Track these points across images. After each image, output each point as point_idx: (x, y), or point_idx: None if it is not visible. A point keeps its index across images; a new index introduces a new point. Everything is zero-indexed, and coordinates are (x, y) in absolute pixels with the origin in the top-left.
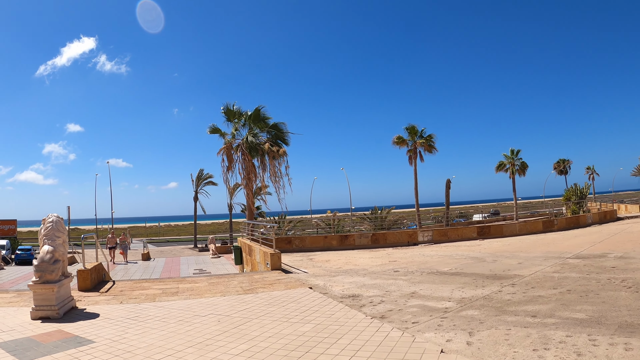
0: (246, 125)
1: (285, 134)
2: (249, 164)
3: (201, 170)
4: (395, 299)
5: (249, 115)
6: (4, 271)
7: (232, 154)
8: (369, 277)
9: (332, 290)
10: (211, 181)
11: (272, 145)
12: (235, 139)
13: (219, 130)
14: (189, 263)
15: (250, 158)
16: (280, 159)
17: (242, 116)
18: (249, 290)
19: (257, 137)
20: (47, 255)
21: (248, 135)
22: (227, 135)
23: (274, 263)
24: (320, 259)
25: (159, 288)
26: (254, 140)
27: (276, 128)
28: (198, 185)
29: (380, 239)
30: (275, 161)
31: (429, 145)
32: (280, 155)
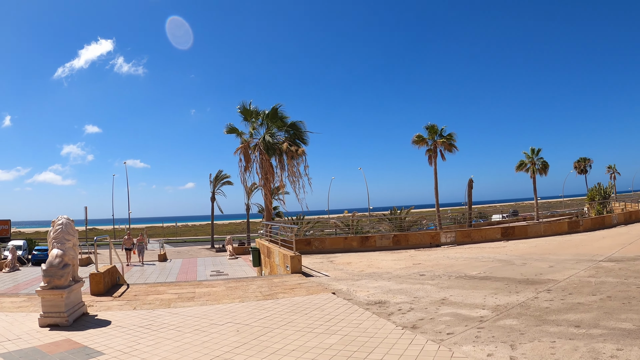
0: (264, 125)
1: (303, 133)
2: (266, 164)
3: (220, 171)
4: (425, 306)
5: (267, 114)
6: (20, 272)
7: (250, 153)
8: (394, 281)
9: (357, 295)
10: (228, 181)
11: (290, 144)
12: (252, 139)
13: (236, 130)
14: (205, 264)
15: (267, 158)
16: (298, 159)
17: (259, 115)
18: (268, 295)
19: (275, 137)
20: (56, 260)
21: (266, 134)
22: (244, 135)
23: (294, 266)
24: (341, 261)
25: (174, 292)
26: (272, 140)
27: (294, 127)
28: (215, 186)
29: (402, 240)
30: (293, 161)
31: (450, 144)
32: (298, 155)
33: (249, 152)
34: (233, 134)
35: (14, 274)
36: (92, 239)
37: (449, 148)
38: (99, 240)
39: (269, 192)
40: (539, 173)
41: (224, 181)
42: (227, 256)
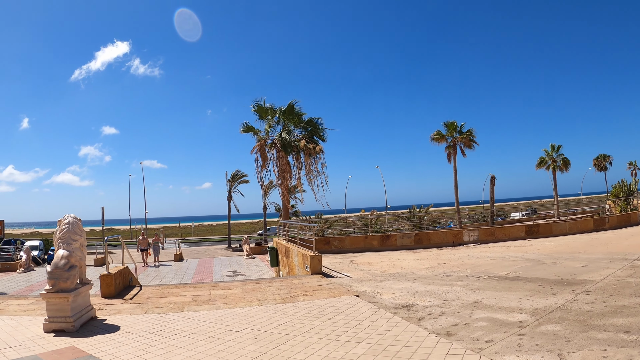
0: (280, 122)
1: (321, 129)
2: (283, 162)
3: (236, 171)
4: (457, 309)
5: (283, 111)
6: (34, 272)
7: (266, 152)
8: (420, 282)
9: (382, 298)
10: (245, 180)
11: (307, 142)
12: (269, 136)
13: (252, 128)
14: (222, 264)
15: (285, 155)
16: (316, 156)
17: (275, 113)
18: (288, 298)
19: (292, 134)
20: (62, 261)
21: (282, 131)
22: (261, 133)
23: (314, 266)
24: (362, 261)
25: (188, 295)
26: (289, 137)
27: (312, 124)
28: (232, 185)
29: (424, 239)
30: (311, 159)
31: (469, 140)
32: (316, 153)
33: (266, 151)
34: (249, 133)
35: (28, 274)
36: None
37: (468, 144)
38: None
39: (286, 190)
40: (560, 170)
41: (240, 180)
42: (244, 256)
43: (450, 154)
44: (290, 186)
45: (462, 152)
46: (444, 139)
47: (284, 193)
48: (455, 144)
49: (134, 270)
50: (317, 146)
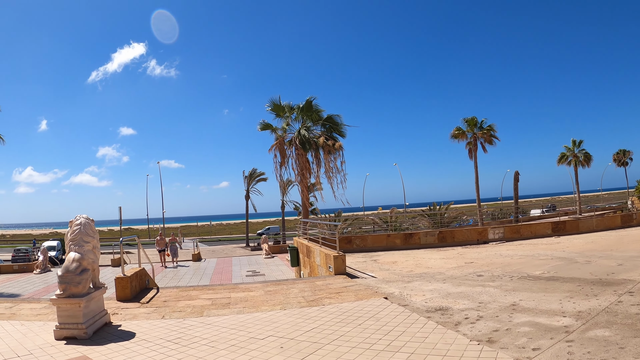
0: (298, 119)
1: (340, 126)
2: (302, 159)
3: (254, 169)
4: (494, 313)
5: (301, 108)
6: (52, 273)
7: (285, 149)
8: (450, 283)
9: (413, 301)
10: (263, 178)
11: (327, 138)
12: (287, 134)
13: (270, 126)
14: (241, 264)
15: (304, 153)
16: (335, 153)
17: (293, 110)
18: (313, 301)
19: (311, 131)
20: (73, 264)
21: (301, 128)
22: (278, 131)
23: (338, 267)
24: (386, 260)
25: (208, 298)
26: (307, 134)
27: (331, 120)
28: (249, 184)
29: (448, 237)
30: (330, 156)
31: (490, 136)
32: (335, 150)
33: (284, 148)
34: (267, 131)
35: (45, 275)
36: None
37: (489, 140)
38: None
39: (305, 188)
40: (582, 165)
41: (258, 179)
42: (263, 255)
43: (471, 150)
44: (309, 184)
45: (483, 148)
46: (464, 135)
47: (304, 191)
48: (475, 140)
49: (151, 271)
50: (336, 143)
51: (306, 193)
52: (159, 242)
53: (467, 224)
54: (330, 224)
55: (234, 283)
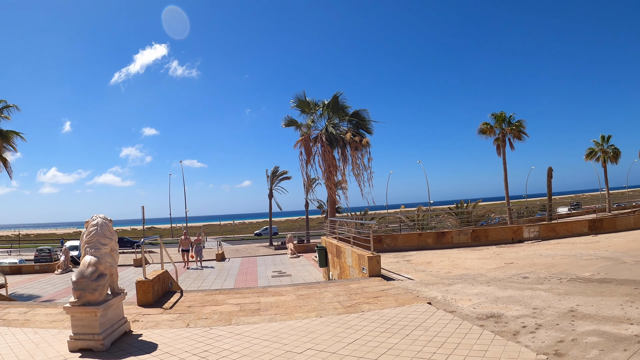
0: (324, 115)
1: (367, 122)
2: (329, 156)
3: (276, 167)
4: (553, 320)
5: (327, 104)
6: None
7: (310, 146)
8: (495, 286)
9: (459, 306)
10: (286, 177)
11: (354, 134)
12: (312, 131)
13: (295, 122)
14: (266, 264)
15: (330, 150)
16: (363, 150)
17: (318, 106)
18: (350, 307)
19: (337, 127)
20: (89, 269)
21: (327, 125)
22: (303, 127)
23: (373, 268)
24: (419, 261)
25: (235, 303)
26: (335, 131)
27: (357, 116)
28: (273, 182)
29: (481, 235)
30: (357, 152)
31: (519, 132)
32: (363, 146)
33: (310, 145)
34: (292, 127)
35: (66, 275)
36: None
37: (518, 136)
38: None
39: (332, 185)
40: (611, 161)
41: (281, 177)
42: (288, 255)
43: (499, 147)
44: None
45: (511, 144)
46: (492, 131)
47: (331, 188)
48: (504, 136)
49: (174, 272)
50: (363, 139)
51: (333, 190)
52: (183, 242)
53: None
54: (365, 222)
55: (262, 286)
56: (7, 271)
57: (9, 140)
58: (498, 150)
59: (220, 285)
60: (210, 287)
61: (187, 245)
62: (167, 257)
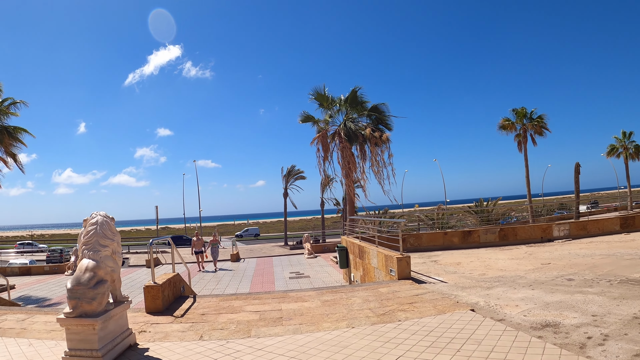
0: (341, 111)
1: (387, 117)
2: (347, 153)
3: (292, 166)
4: (620, 329)
5: (345, 99)
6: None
7: (328, 142)
8: (539, 289)
9: (507, 313)
10: (301, 176)
11: (373, 130)
12: (329, 127)
13: (312, 118)
14: (282, 265)
15: (349, 146)
16: (382, 146)
17: (336, 102)
18: (383, 315)
19: (356, 122)
20: (86, 275)
21: (346, 120)
22: (321, 123)
23: (402, 270)
24: (448, 261)
25: (254, 310)
26: (353, 126)
27: (377, 111)
28: (288, 181)
29: (509, 234)
30: (377, 148)
31: (540, 127)
32: (383, 142)
33: (327, 141)
34: (308, 123)
35: None
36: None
37: (539, 131)
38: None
39: (351, 183)
40: (632, 158)
41: (297, 176)
42: (306, 255)
43: (520, 143)
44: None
45: (533, 140)
46: (512, 127)
47: (349, 186)
48: (525, 132)
49: (186, 275)
50: (383, 134)
51: (352, 188)
52: (196, 243)
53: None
54: (395, 220)
55: (282, 290)
56: (17, 272)
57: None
58: (519, 146)
59: (235, 287)
60: (225, 289)
61: (201, 247)
62: (179, 258)
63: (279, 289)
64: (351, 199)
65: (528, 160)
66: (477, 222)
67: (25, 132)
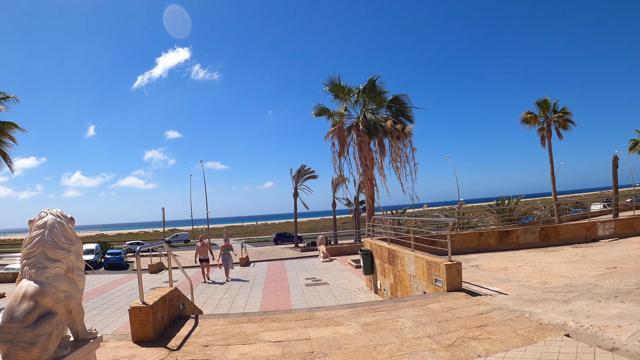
0: (359, 102)
1: (408, 109)
2: (366, 147)
3: (302, 166)
4: None
5: (362, 89)
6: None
7: (345, 136)
8: (631, 302)
9: (614, 339)
10: (312, 175)
11: (394, 122)
12: (345, 120)
13: (327, 111)
14: (296, 269)
15: (368, 140)
16: (405, 140)
17: (353, 92)
18: (451, 346)
19: (376, 114)
20: (22, 306)
21: (365, 111)
22: (336, 116)
23: (452, 280)
24: (490, 266)
25: (274, 340)
26: (373, 118)
27: (397, 102)
28: (298, 181)
29: (551, 234)
30: (398, 142)
31: (565, 120)
32: (405, 135)
33: (344, 135)
34: (323, 117)
35: None
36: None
37: (564, 125)
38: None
39: (370, 180)
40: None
41: (307, 176)
42: (320, 258)
43: (543, 137)
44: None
45: (559, 133)
46: (536, 120)
47: (369, 183)
48: (549, 125)
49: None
50: (406, 127)
51: (371, 185)
52: (200, 249)
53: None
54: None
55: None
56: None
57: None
58: (542, 141)
59: (246, 297)
60: (234, 300)
61: (206, 254)
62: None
63: (296, 298)
64: (371, 197)
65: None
66: (498, 221)
67: (16, 127)
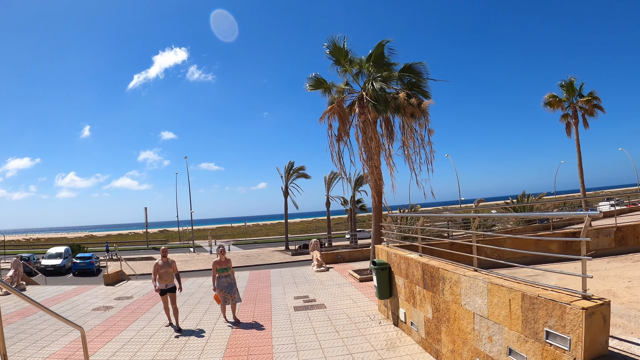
0: (362, 74)
1: (424, 81)
2: (371, 128)
3: (291, 163)
4: None
5: (368, 56)
6: (25, 292)
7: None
8: None
9: None
10: (303, 174)
11: (408, 95)
12: (344, 95)
13: (324, 83)
14: (284, 282)
15: (374, 117)
16: (421, 119)
17: (356, 63)
18: None
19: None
20: None
21: (372, 81)
22: (334, 91)
23: (593, 339)
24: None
25: None
26: (384, 87)
27: (411, 71)
28: (288, 179)
29: (629, 236)
30: (413, 121)
31: (593, 106)
32: (422, 112)
33: (345, 112)
34: (319, 90)
35: (11, 296)
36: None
37: (591, 111)
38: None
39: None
40: None
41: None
42: (314, 267)
43: (568, 125)
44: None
45: (585, 121)
46: (559, 104)
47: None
48: (575, 111)
49: None
50: (422, 102)
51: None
52: (160, 271)
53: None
54: (567, 214)
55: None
56: None
57: None
58: (567, 129)
59: (201, 348)
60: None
61: (172, 279)
62: None
63: (279, 333)
64: (379, 191)
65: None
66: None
67: None
